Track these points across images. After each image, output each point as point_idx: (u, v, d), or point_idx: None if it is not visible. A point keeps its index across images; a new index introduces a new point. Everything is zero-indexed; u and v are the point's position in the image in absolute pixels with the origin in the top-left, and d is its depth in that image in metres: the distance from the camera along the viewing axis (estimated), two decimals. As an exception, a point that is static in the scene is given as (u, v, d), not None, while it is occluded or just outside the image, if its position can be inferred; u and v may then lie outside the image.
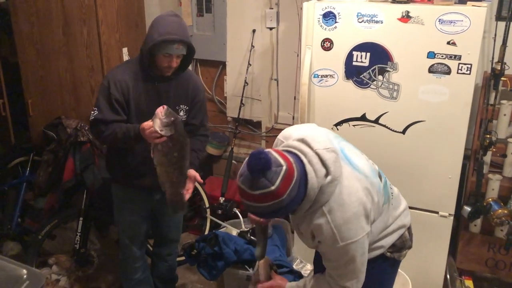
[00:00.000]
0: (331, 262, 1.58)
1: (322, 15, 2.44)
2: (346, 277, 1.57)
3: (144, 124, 1.99)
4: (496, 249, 2.59)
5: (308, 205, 1.48)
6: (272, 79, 3.46)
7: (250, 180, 1.37)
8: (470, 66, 2.23)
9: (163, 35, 2.02)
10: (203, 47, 3.60)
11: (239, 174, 1.43)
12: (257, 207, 1.42)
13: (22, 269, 1.38)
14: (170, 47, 2.04)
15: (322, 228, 1.49)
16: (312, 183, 1.44)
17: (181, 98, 2.27)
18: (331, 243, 1.49)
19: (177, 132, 1.97)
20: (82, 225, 2.84)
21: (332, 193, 1.48)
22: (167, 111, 1.91)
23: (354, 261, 1.52)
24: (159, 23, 2.07)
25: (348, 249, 1.49)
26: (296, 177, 1.40)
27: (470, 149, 2.66)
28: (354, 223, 1.49)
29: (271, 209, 1.41)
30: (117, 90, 2.11)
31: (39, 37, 3.16)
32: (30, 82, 3.29)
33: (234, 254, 2.52)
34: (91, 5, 2.98)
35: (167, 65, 2.10)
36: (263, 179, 1.36)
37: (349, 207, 1.48)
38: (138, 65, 2.18)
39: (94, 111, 2.15)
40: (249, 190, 1.39)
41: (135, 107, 2.17)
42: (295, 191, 1.41)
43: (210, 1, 3.49)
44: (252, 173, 1.36)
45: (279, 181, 1.36)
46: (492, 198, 2.50)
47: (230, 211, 3.20)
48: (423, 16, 2.24)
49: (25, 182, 3.20)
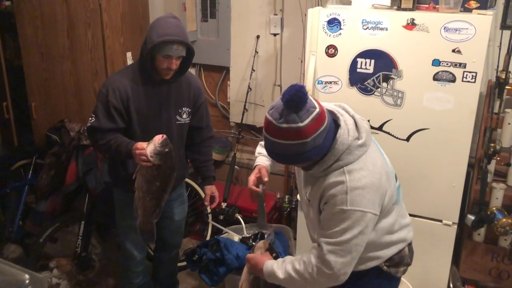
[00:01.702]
0: (327, 229, 1.49)
1: (326, 21, 2.44)
2: (334, 249, 1.46)
3: (138, 144, 1.98)
4: (499, 259, 2.57)
5: (332, 160, 1.45)
6: (275, 85, 3.46)
7: (281, 112, 1.36)
8: (475, 75, 2.22)
9: (162, 36, 2.00)
10: (207, 52, 3.61)
11: (270, 106, 1.41)
12: (279, 144, 1.40)
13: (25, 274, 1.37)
14: (169, 48, 2.03)
15: (336, 186, 1.45)
16: (343, 138, 1.44)
17: (183, 100, 2.26)
18: (339, 203, 1.43)
19: (166, 164, 1.95)
20: (83, 229, 2.83)
21: (358, 157, 1.46)
22: (164, 141, 1.91)
23: (351, 232, 1.43)
24: (158, 25, 2.06)
25: (352, 217, 1.43)
26: (326, 124, 1.40)
27: (474, 158, 2.65)
28: (368, 193, 1.44)
29: (291, 150, 1.39)
30: (116, 98, 2.09)
31: (43, 40, 3.17)
32: (34, 85, 3.29)
33: (236, 260, 2.51)
34: (96, 9, 2.99)
35: (166, 66, 2.08)
36: (294, 114, 1.34)
37: (370, 174, 1.46)
38: (137, 69, 2.17)
39: (91, 118, 2.14)
40: (277, 122, 1.36)
41: (136, 112, 2.15)
42: (320, 139, 1.39)
43: (214, 7, 3.50)
44: (286, 103, 1.34)
45: (308, 120, 1.35)
46: (496, 207, 2.49)
47: (232, 216, 3.18)
48: (428, 23, 2.24)
49: (27, 185, 3.20)
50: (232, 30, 3.48)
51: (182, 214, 2.57)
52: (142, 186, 2.00)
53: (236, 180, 3.77)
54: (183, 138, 2.35)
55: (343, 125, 1.48)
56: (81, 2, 2.99)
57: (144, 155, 1.91)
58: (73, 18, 3.06)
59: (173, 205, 2.46)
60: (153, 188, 2.00)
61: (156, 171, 1.96)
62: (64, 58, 3.16)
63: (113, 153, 2.11)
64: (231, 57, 3.55)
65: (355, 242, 1.46)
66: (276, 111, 1.37)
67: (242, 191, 3.58)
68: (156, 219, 2.11)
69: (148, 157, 1.90)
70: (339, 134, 1.46)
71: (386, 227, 1.62)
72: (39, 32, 3.16)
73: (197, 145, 2.43)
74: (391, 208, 1.60)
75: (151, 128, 2.17)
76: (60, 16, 3.08)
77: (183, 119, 2.28)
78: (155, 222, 2.13)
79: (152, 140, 1.92)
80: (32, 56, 3.23)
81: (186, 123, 2.31)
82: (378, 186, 1.47)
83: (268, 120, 1.40)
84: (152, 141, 1.92)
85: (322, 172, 1.49)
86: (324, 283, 1.52)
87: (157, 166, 1.94)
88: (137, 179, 1.99)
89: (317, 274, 1.49)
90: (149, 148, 1.90)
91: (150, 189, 2.00)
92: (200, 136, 2.42)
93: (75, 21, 3.06)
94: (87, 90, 3.18)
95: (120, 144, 2.06)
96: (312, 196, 1.57)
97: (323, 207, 1.52)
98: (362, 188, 1.44)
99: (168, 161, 1.95)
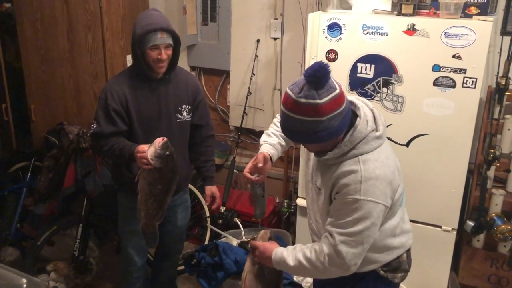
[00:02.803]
0: (338, 219, 1.48)
1: (327, 26, 2.44)
2: (346, 239, 1.45)
3: (139, 146, 1.99)
4: (499, 265, 2.56)
5: (348, 148, 1.46)
6: (275, 89, 3.46)
7: (301, 87, 1.37)
8: (475, 80, 2.22)
9: (144, 27, 2.04)
10: (207, 56, 3.61)
11: (291, 82, 1.42)
12: (294, 119, 1.40)
13: (22, 278, 1.36)
14: (154, 37, 2.04)
15: (349, 175, 1.45)
16: (362, 127, 1.46)
17: (182, 98, 2.27)
18: (352, 192, 1.43)
19: (167, 167, 1.95)
20: (81, 232, 2.82)
21: (373, 148, 1.48)
22: (165, 144, 1.90)
23: (363, 223, 1.43)
24: (140, 19, 2.11)
25: (364, 207, 1.43)
26: (343, 107, 1.40)
27: (473, 163, 2.65)
28: (381, 184, 1.44)
29: (305, 128, 1.40)
30: (115, 101, 2.11)
31: (43, 43, 3.16)
32: (33, 87, 3.28)
33: (235, 264, 2.50)
34: (96, 11, 2.98)
35: (156, 57, 2.08)
36: (314, 91, 1.35)
37: (384, 166, 1.46)
38: (133, 71, 2.20)
39: (93, 125, 2.16)
40: (295, 96, 1.37)
41: (136, 114, 2.16)
42: (335, 122, 1.39)
43: (215, 10, 3.50)
44: (308, 77, 1.35)
45: (327, 99, 1.36)
46: (496, 213, 2.48)
47: (231, 220, 3.17)
48: (429, 29, 2.24)
49: (26, 187, 3.18)
50: (232, 34, 3.48)
51: (185, 219, 2.55)
52: (144, 189, 1.99)
53: (235, 184, 3.76)
54: (186, 137, 2.34)
55: (362, 115, 1.49)
56: (82, 4, 2.99)
57: (144, 158, 1.91)
58: (73, 20, 3.05)
59: (177, 210, 2.45)
60: (156, 191, 2.00)
61: (157, 174, 1.95)
62: (64, 60, 3.16)
63: (117, 157, 2.13)
64: (231, 60, 3.55)
65: (367, 233, 1.46)
66: (297, 86, 1.39)
67: (241, 195, 3.57)
68: (158, 221, 2.10)
69: (148, 160, 1.90)
70: (358, 122, 1.47)
71: (390, 229, 1.61)
72: (39, 35, 3.16)
73: (197, 145, 2.42)
74: (397, 209, 1.60)
75: (152, 127, 2.18)
76: (60, 18, 3.08)
77: (184, 117, 2.27)
78: (158, 225, 2.12)
79: (153, 143, 1.92)
80: (32, 58, 3.22)
81: (187, 121, 2.30)
82: (391, 180, 1.48)
83: (287, 94, 1.41)
84: (152, 144, 1.91)
85: (336, 159, 1.49)
86: (334, 272, 1.51)
87: (159, 169, 1.93)
88: (140, 182, 1.99)
89: (328, 263, 1.48)
90: (149, 151, 1.90)
91: (152, 191, 2.00)
92: (200, 135, 2.41)
93: (75, 23, 3.05)
94: (86, 93, 3.17)
95: (123, 148, 2.07)
96: (324, 184, 1.56)
97: (335, 196, 1.51)
98: (376, 179, 1.44)
99: (169, 164, 1.95)
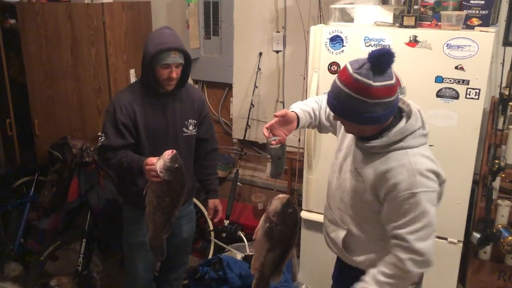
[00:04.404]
0: (400, 218, 1.47)
1: (329, 39, 2.44)
2: (418, 236, 1.45)
3: (148, 159, 1.98)
4: (506, 277, 2.53)
5: (397, 138, 1.47)
6: (278, 102, 3.46)
7: (361, 65, 1.39)
8: (478, 91, 2.21)
9: (157, 46, 2.06)
10: (210, 69, 3.62)
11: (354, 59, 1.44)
12: (342, 92, 1.42)
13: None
14: (166, 57, 2.07)
15: (402, 169, 1.45)
16: (413, 121, 1.48)
17: (189, 112, 2.29)
18: (408, 187, 1.44)
19: (176, 180, 1.93)
20: (85, 247, 2.81)
21: (419, 145, 1.49)
22: (174, 157, 1.89)
23: (427, 214, 1.44)
24: (153, 37, 2.12)
25: (422, 198, 1.43)
26: (392, 99, 1.42)
27: (478, 174, 2.63)
28: (432, 174, 1.46)
29: (349, 103, 1.42)
30: (123, 114, 2.13)
31: (47, 58, 3.19)
32: (37, 102, 3.30)
33: (239, 279, 2.48)
34: (100, 26, 3.01)
35: (167, 76, 2.11)
36: (371, 72, 1.37)
37: (432, 161, 1.49)
38: (140, 86, 2.21)
39: (101, 137, 2.16)
40: (352, 71, 1.40)
41: (144, 128, 2.18)
42: (380, 109, 1.41)
43: (217, 24, 3.52)
44: (371, 58, 1.37)
45: (380, 84, 1.38)
46: (502, 225, 2.46)
47: (234, 234, 3.15)
48: (431, 40, 2.24)
49: (29, 202, 3.19)
50: (235, 47, 3.50)
51: (190, 231, 2.54)
52: (153, 202, 1.98)
53: (238, 196, 3.75)
54: (191, 151, 2.36)
55: (414, 110, 1.52)
56: (85, 20, 3.02)
57: (153, 171, 1.91)
58: (77, 35, 3.08)
59: (182, 222, 2.44)
60: (164, 204, 1.98)
61: (166, 186, 1.94)
62: (67, 75, 3.18)
63: (126, 171, 2.13)
64: (234, 74, 3.56)
65: (433, 221, 1.47)
66: (357, 62, 1.42)
67: (245, 208, 3.55)
68: (166, 234, 2.08)
69: (157, 172, 1.89)
70: (412, 114, 1.50)
71: None
72: (43, 50, 3.19)
73: (201, 158, 2.45)
74: None
75: (159, 141, 2.20)
76: (64, 34, 3.11)
77: (190, 131, 2.30)
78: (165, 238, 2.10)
79: (162, 155, 1.92)
80: (35, 73, 3.25)
81: (193, 135, 2.33)
82: (439, 173, 1.49)
83: (345, 66, 1.43)
84: (161, 157, 1.91)
85: (382, 148, 1.50)
86: (419, 270, 1.51)
87: (167, 182, 1.92)
88: (148, 194, 1.98)
89: (411, 266, 1.48)
90: (158, 163, 1.90)
91: (160, 204, 1.98)
92: (205, 149, 2.44)
93: (79, 38, 3.08)
94: (90, 107, 3.19)
95: (131, 161, 2.08)
96: (366, 172, 1.55)
97: (385, 197, 1.51)
98: (427, 171, 1.46)
99: (178, 176, 1.94)
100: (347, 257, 1.75)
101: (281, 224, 1.59)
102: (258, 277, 1.69)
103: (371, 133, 1.51)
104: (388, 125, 1.51)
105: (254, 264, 1.68)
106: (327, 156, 2.62)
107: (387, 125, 1.51)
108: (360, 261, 1.70)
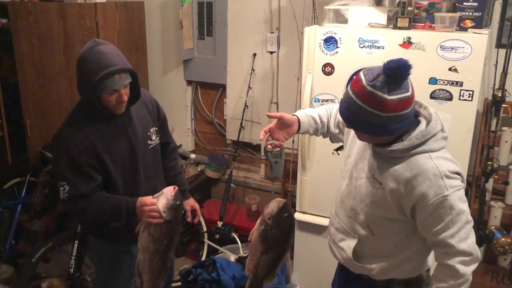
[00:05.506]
0: (438, 224, 1.44)
1: (323, 40, 2.44)
2: (460, 237, 1.42)
3: (144, 199, 1.79)
4: (499, 279, 2.54)
5: (419, 141, 1.42)
6: (272, 103, 3.45)
7: (375, 76, 1.33)
8: (471, 93, 2.22)
9: (98, 72, 1.71)
10: (203, 70, 3.62)
11: (368, 67, 1.39)
12: (354, 103, 1.36)
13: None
14: (111, 83, 1.74)
15: (428, 174, 1.41)
16: (435, 123, 1.44)
17: (148, 120, 2.05)
18: (438, 192, 1.40)
19: (175, 219, 1.79)
20: (77, 249, 2.78)
21: (440, 148, 1.45)
22: (176, 193, 1.76)
23: (462, 212, 1.42)
24: (89, 59, 1.75)
25: (454, 198, 1.40)
26: (407, 111, 1.37)
27: (471, 176, 2.64)
28: (456, 175, 1.44)
29: (361, 115, 1.37)
30: (83, 154, 1.81)
31: (39, 58, 3.17)
32: (29, 103, 3.28)
33: (232, 281, 2.47)
34: (93, 27, 2.99)
35: (116, 102, 1.81)
36: (386, 85, 1.32)
37: (454, 163, 1.46)
38: (86, 112, 1.86)
39: (64, 187, 1.81)
40: (366, 83, 1.34)
41: (110, 160, 1.89)
42: (393, 123, 1.36)
43: (211, 25, 3.51)
44: (387, 70, 1.31)
45: (395, 97, 1.32)
46: (495, 226, 2.47)
47: (228, 235, 3.14)
48: (425, 42, 2.24)
49: (21, 203, 3.16)
50: (228, 48, 3.49)
51: None
52: (149, 248, 1.78)
53: (232, 198, 3.74)
54: (159, 160, 2.15)
55: (433, 113, 1.48)
56: (78, 20, 3.00)
57: (155, 211, 1.74)
58: (70, 36, 3.06)
59: None
60: (161, 248, 1.79)
61: (165, 228, 1.77)
62: (60, 76, 3.16)
63: (110, 216, 1.87)
64: (227, 74, 3.55)
65: (469, 217, 1.44)
66: (372, 73, 1.35)
67: (238, 210, 3.54)
68: (163, 281, 1.88)
69: (161, 213, 1.73)
70: (432, 117, 1.46)
71: None
72: (35, 50, 3.16)
73: (165, 161, 2.22)
74: None
75: (130, 168, 1.96)
76: (57, 34, 3.08)
77: (154, 141, 2.07)
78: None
79: (162, 193, 1.76)
80: (28, 73, 3.22)
81: (158, 144, 2.11)
82: (462, 175, 1.47)
83: (359, 77, 1.37)
84: (162, 195, 1.76)
85: (403, 152, 1.44)
86: (471, 269, 1.48)
87: (167, 223, 1.76)
88: (142, 239, 1.77)
89: (463, 268, 1.45)
90: (160, 202, 1.74)
91: (158, 249, 1.79)
92: (166, 151, 2.23)
93: (71, 39, 3.06)
94: (82, 107, 3.16)
95: (117, 205, 1.85)
96: (386, 179, 1.49)
97: (414, 207, 1.46)
98: (452, 172, 1.43)
99: (178, 214, 1.80)
100: (354, 265, 1.68)
101: (276, 227, 1.58)
102: (251, 279, 1.68)
103: (386, 141, 1.46)
104: (406, 129, 1.46)
105: (248, 266, 1.67)
106: (321, 158, 2.61)
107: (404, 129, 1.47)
108: (371, 268, 1.65)
